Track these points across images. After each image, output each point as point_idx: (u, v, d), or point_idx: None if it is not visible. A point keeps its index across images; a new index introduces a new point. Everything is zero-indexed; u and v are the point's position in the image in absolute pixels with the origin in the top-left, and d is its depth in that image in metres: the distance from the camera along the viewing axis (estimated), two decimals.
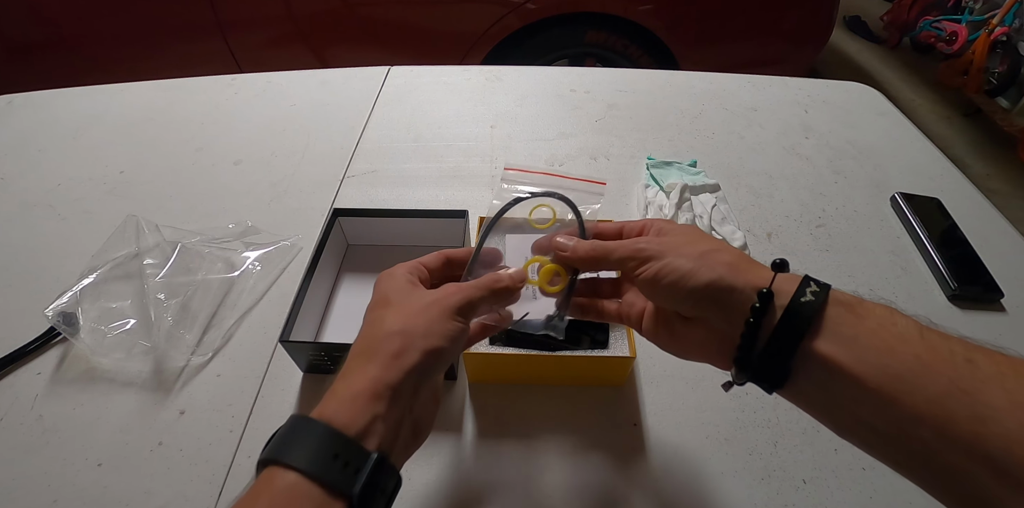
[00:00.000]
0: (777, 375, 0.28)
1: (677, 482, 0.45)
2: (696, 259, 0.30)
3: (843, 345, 0.26)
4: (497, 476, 0.45)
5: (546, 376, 0.51)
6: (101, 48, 1.59)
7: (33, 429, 0.48)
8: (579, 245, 0.35)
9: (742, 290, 0.28)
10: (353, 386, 0.28)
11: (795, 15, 1.71)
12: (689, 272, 0.30)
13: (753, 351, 0.28)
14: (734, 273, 0.29)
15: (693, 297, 0.30)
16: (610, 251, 0.34)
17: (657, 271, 0.31)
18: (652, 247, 0.32)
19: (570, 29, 1.66)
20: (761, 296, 0.28)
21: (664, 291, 0.31)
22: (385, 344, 0.29)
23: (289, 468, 0.25)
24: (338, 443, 0.26)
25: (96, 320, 0.53)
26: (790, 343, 0.27)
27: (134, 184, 0.74)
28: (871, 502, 0.44)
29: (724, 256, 0.30)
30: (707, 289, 0.29)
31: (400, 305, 0.32)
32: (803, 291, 0.27)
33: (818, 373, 0.27)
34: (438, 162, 0.78)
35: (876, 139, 0.86)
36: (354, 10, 1.60)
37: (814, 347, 0.26)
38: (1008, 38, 2.24)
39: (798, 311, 0.27)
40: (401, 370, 0.29)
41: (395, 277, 0.34)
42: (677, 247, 0.31)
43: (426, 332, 0.30)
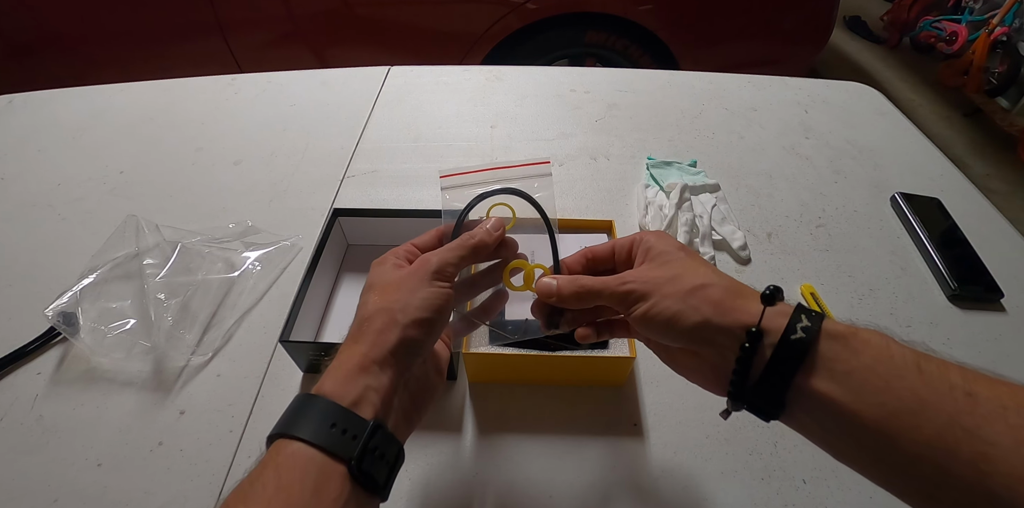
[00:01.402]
0: (771, 408, 0.28)
1: (677, 482, 0.45)
2: (682, 299, 0.30)
3: (838, 382, 0.26)
4: (497, 476, 0.45)
5: (546, 376, 0.51)
6: (101, 48, 1.59)
7: (33, 429, 0.48)
8: (563, 287, 0.34)
9: (730, 330, 0.28)
10: (344, 363, 0.30)
11: (795, 15, 1.71)
12: (676, 314, 0.30)
13: (745, 386, 0.28)
14: (721, 313, 0.29)
15: (683, 338, 0.30)
16: (596, 293, 0.33)
17: (645, 312, 0.31)
18: (638, 287, 0.31)
19: (570, 29, 1.66)
20: (750, 335, 0.27)
21: (654, 331, 0.31)
22: (369, 323, 0.31)
23: (294, 438, 0.27)
24: (335, 413, 0.28)
25: (96, 320, 0.53)
26: (782, 380, 0.27)
27: (134, 184, 0.74)
28: (871, 502, 0.44)
29: (712, 292, 0.30)
30: (695, 330, 0.29)
31: (381, 286, 0.33)
32: (793, 327, 0.27)
33: (814, 407, 0.26)
34: (438, 162, 0.78)
35: (876, 139, 0.86)
36: (354, 10, 1.60)
37: (808, 383, 0.26)
38: (1008, 38, 2.24)
39: (789, 349, 0.27)
40: (386, 345, 0.30)
41: (383, 263, 0.35)
42: (663, 285, 0.31)
43: (405, 306, 0.31)
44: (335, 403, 0.28)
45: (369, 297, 0.33)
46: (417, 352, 0.32)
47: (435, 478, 0.45)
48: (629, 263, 0.35)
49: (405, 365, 0.31)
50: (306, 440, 0.27)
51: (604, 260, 0.37)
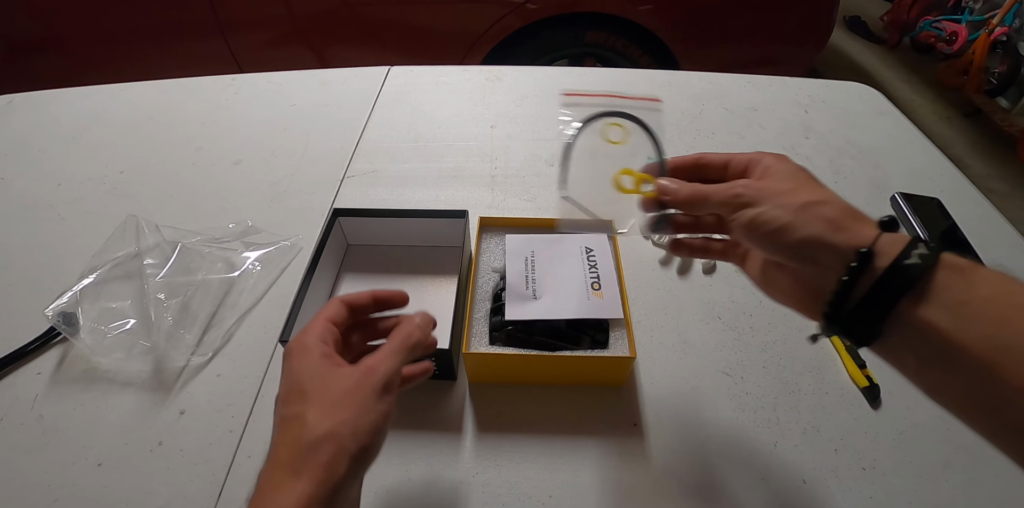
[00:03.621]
0: (866, 334, 0.27)
1: (677, 482, 0.45)
2: (795, 211, 0.29)
3: (947, 311, 0.25)
4: (497, 476, 0.45)
5: (546, 376, 0.51)
6: (102, 48, 1.59)
7: (33, 429, 0.48)
8: (682, 189, 0.35)
9: (840, 248, 0.27)
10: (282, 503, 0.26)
11: (795, 15, 1.71)
12: (786, 225, 0.28)
13: (843, 309, 0.27)
14: (834, 230, 0.28)
15: (787, 250, 0.29)
16: (708, 195, 0.33)
17: (751, 219, 0.30)
18: (749, 193, 0.31)
19: (570, 29, 1.66)
20: (860, 256, 0.26)
21: (757, 240, 0.30)
22: (313, 454, 0.27)
23: None
24: None
25: (96, 320, 0.53)
26: (884, 306, 0.26)
27: (134, 184, 0.74)
28: (871, 502, 0.44)
29: (826, 210, 0.29)
30: (802, 244, 0.28)
31: (319, 396, 0.29)
32: (908, 253, 0.26)
33: (914, 337, 0.26)
34: (438, 162, 0.78)
35: (876, 139, 0.86)
36: (354, 10, 1.60)
37: (914, 312, 0.25)
38: (1008, 38, 2.24)
39: (899, 273, 0.25)
40: (334, 482, 0.27)
41: (307, 352, 0.31)
42: (776, 195, 0.30)
43: (355, 430, 0.28)
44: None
45: (305, 411, 0.28)
46: (359, 479, 0.30)
47: (435, 478, 0.45)
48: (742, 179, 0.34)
49: (347, 493, 0.28)
50: None
51: (716, 169, 0.36)
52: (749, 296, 0.60)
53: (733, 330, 0.56)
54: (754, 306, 0.59)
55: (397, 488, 0.44)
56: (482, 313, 0.51)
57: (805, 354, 0.54)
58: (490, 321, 0.50)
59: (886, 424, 0.49)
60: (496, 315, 0.50)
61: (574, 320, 0.49)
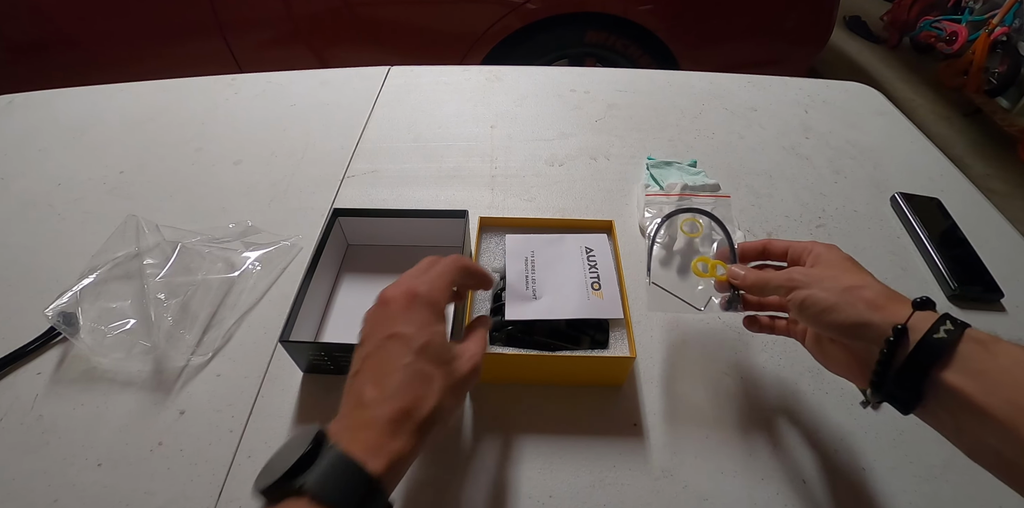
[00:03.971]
0: (908, 399, 0.32)
1: (677, 482, 0.45)
2: (839, 294, 0.34)
3: (972, 377, 0.29)
4: (497, 476, 0.45)
5: (546, 376, 0.51)
6: (101, 48, 1.59)
7: (33, 429, 0.48)
8: (748, 275, 0.42)
9: (879, 326, 0.32)
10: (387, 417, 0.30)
11: (795, 15, 1.71)
12: (831, 307, 0.34)
13: (887, 377, 0.32)
14: (872, 310, 0.33)
15: (834, 328, 0.35)
16: (768, 280, 0.40)
17: (803, 300, 0.36)
18: (801, 278, 0.37)
19: (570, 29, 1.66)
20: (896, 331, 0.31)
21: (808, 318, 0.36)
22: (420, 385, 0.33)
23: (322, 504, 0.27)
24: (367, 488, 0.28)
25: (96, 320, 0.53)
26: (919, 372, 0.30)
27: (134, 184, 0.74)
28: (871, 502, 0.44)
29: (867, 293, 0.34)
30: (846, 323, 0.34)
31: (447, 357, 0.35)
32: (937, 328, 0.30)
33: (947, 400, 0.30)
34: (438, 162, 0.78)
35: (876, 139, 0.86)
36: (354, 10, 1.60)
37: (943, 377, 0.29)
38: (1008, 38, 2.24)
39: (930, 345, 0.30)
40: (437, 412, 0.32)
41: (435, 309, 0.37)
42: (823, 280, 0.36)
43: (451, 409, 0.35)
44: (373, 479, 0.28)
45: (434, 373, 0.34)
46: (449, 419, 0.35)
47: (435, 478, 0.45)
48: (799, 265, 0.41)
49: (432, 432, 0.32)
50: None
51: (777, 254, 0.43)
52: None
53: (733, 330, 0.56)
54: None
55: (397, 488, 0.44)
56: (482, 313, 0.51)
57: (805, 354, 0.54)
58: None
59: (886, 424, 0.49)
60: (496, 315, 0.50)
61: (574, 320, 0.49)
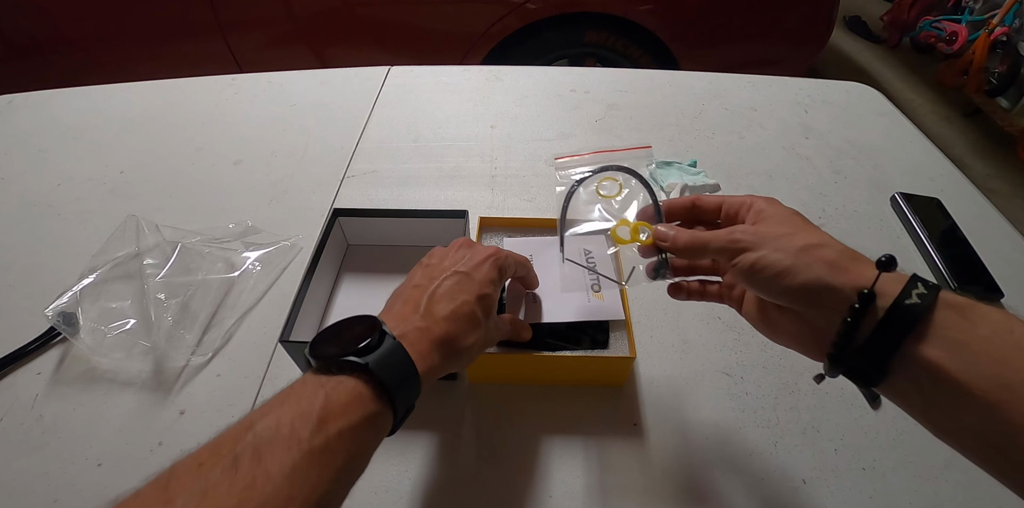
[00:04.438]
0: (872, 374, 0.28)
1: (677, 482, 0.45)
2: (795, 255, 0.29)
3: (950, 351, 0.25)
4: (497, 476, 0.45)
5: (546, 376, 0.51)
6: (101, 48, 1.59)
7: (33, 429, 0.48)
8: (678, 235, 0.36)
9: (841, 290, 0.28)
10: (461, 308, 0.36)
11: (795, 15, 1.71)
12: (786, 269, 0.29)
13: (848, 349, 0.28)
14: (834, 272, 0.28)
15: (788, 294, 0.30)
16: (707, 242, 0.34)
17: (752, 264, 0.30)
18: (748, 238, 0.31)
19: (570, 29, 1.66)
20: (862, 297, 0.27)
21: (759, 285, 0.31)
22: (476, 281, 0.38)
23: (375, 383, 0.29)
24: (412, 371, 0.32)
25: (96, 320, 0.53)
26: (889, 345, 0.26)
27: (134, 184, 0.74)
28: (871, 502, 0.44)
29: (826, 252, 0.29)
30: (804, 288, 0.29)
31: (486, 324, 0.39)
32: (908, 293, 0.26)
33: (919, 376, 0.26)
34: (438, 162, 0.78)
35: (876, 139, 0.86)
36: (354, 10, 1.60)
37: (917, 351, 0.26)
38: (1008, 38, 2.24)
39: (901, 313, 0.26)
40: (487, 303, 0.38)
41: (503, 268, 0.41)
42: (775, 239, 0.31)
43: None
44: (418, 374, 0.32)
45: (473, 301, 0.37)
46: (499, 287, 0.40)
47: (435, 478, 0.45)
48: (736, 223, 0.35)
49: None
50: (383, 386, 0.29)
51: (709, 212, 0.37)
52: None
53: (733, 330, 0.56)
54: None
55: (397, 488, 0.44)
56: None
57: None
58: None
59: (886, 424, 0.49)
60: None
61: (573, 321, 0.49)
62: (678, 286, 0.40)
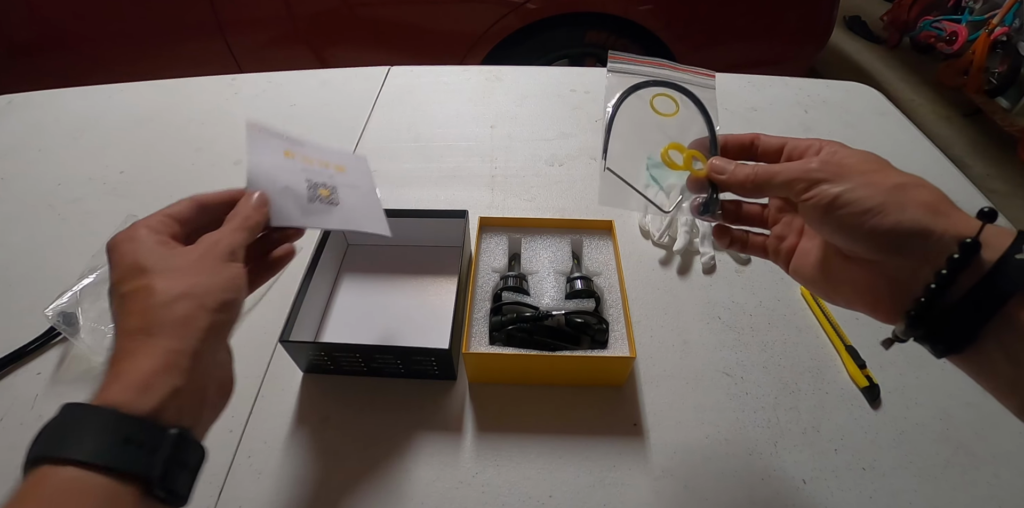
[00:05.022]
0: (960, 338, 0.24)
1: (677, 482, 0.45)
2: (887, 192, 0.25)
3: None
4: (497, 476, 0.45)
5: (546, 376, 0.51)
6: (101, 48, 1.59)
7: (33, 429, 0.47)
8: (739, 169, 0.31)
9: (940, 237, 0.24)
10: (142, 364, 0.24)
11: (795, 15, 1.71)
12: (877, 207, 0.25)
13: (935, 308, 0.24)
14: (933, 216, 0.25)
15: (875, 237, 0.25)
16: (774, 174, 0.29)
17: (834, 198, 0.26)
18: (829, 169, 0.27)
19: (570, 29, 1.66)
20: (964, 247, 0.23)
21: (839, 224, 0.26)
22: (168, 312, 0.26)
23: (66, 463, 0.22)
24: (129, 425, 0.23)
25: (96, 320, 0.53)
26: (988, 306, 0.23)
27: (134, 184, 0.74)
28: (871, 502, 0.44)
29: (922, 193, 0.25)
30: (896, 231, 0.25)
31: (163, 269, 0.27)
32: (1019, 247, 0.23)
33: (1016, 345, 0.23)
34: (438, 162, 0.78)
35: (876, 139, 0.86)
36: (354, 10, 1.60)
37: (1022, 315, 0.22)
38: (1008, 38, 2.24)
39: (1011, 270, 0.22)
40: (198, 333, 0.26)
41: (139, 240, 0.29)
42: (863, 172, 0.26)
43: (208, 289, 0.27)
44: (128, 415, 0.23)
45: (151, 282, 0.26)
46: (226, 335, 0.29)
47: (435, 478, 0.45)
48: None
49: (213, 353, 0.28)
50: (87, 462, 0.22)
51: (770, 154, 0.33)
52: (749, 296, 0.60)
53: (733, 330, 0.56)
54: (754, 306, 0.59)
55: (397, 488, 0.44)
56: (482, 313, 0.51)
57: (805, 354, 0.54)
58: (490, 321, 0.50)
59: (886, 424, 0.49)
60: (496, 315, 0.50)
61: (574, 320, 0.49)
62: (724, 229, 0.35)
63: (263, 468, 0.45)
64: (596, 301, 0.51)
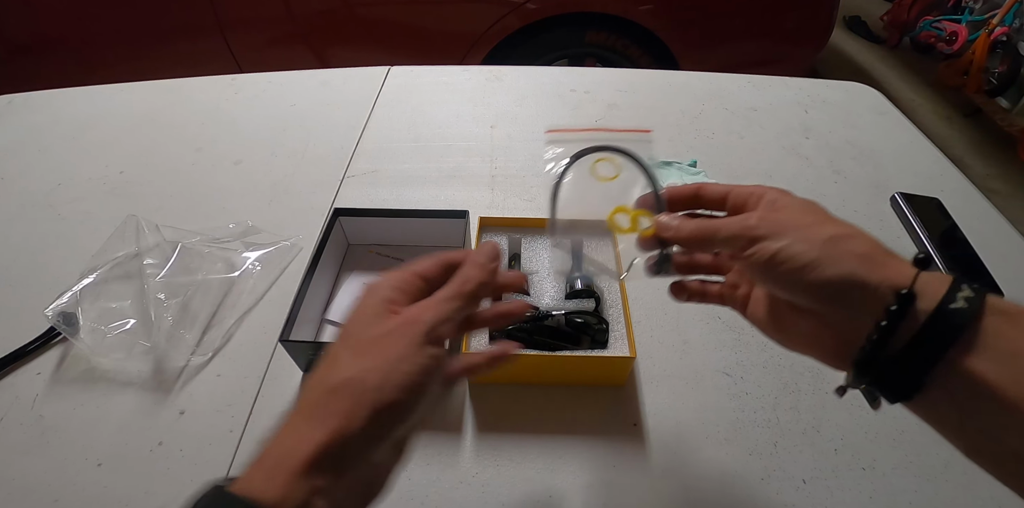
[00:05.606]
0: (906, 387, 0.25)
1: (677, 482, 0.45)
2: (822, 246, 0.25)
3: (999, 363, 0.22)
4: (497, 476, 0.45)
5: (546, 376, 0.51)
6: (101, 48, 1.59)
7: (33, 429, 0.48)
8: (684, 225, 0.31)
9: (876, 288, 0.24)
10: (290, 453, 0.23)
11: (795, 15, 1.71)
12: (813, 262, 0.25)
13: (880, 357, 0.25)
14: (868, 267, 0.25)
15: (814, 291, 0.26)
16: (716, 230, 0.29)
17: (772, 256, 0.26)
18: (766, 225, 0.27)
19: (570, 29, 1.66)
20: (900, 297, 0.23)
21: (779, 279, 0.27)
22: (332, 400, 0.24)
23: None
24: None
25: (96, 320, 0.53)
26: (930, 355, 0.23)
27: (134, 184, 0.74)
28: (871, 502, 0.44)
29: (857, 244, 0.26)
30: (833, 284, 0.25)
31: (357, 338, 0.26)
32: (954, 296, 0.23)
33: (959, 390, 0.23)
34: (438, 162, 0.78)
35: (876, 139, 0.86)
36: (354, 10, 1.60)
37: (962, 362, 0.23)
38: (1008, 38, 2.24)
39: (947, 319, 0.23)
40: (346, 435, 0.24)
41: (375, 295, 0.28)
42: (798, 227, 0.27)
43: (382, 381, 0.25)
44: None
45: (340, 353, 0.26)
46: (390, 436, 0.26)
47: (435, 478, 0.45)
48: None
49: (368, 454, 0.25)
50: None
51: (714, 202, 0.33)
52: None
53: (733, 330, 0.56)
54: None
55: (397, 488, 0.44)
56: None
57: None
58: None
59: (886, 424, 0.49)
60: None
61: (574, 320, 0.49)
62: (681, 285, 0.36)
63: None
64: (596, 301, 0.51)
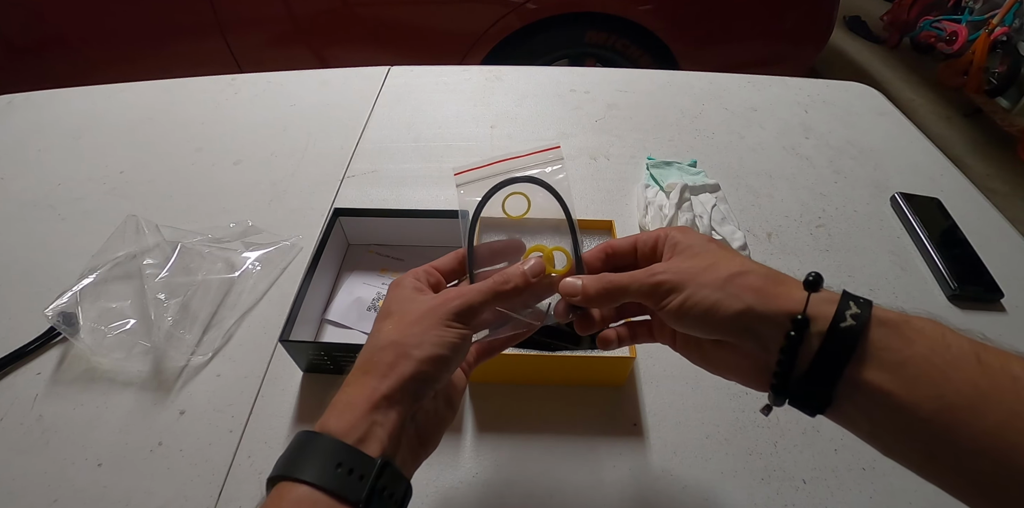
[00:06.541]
0: (818, 401, 0.27)
1: (677, 482, 0.45)
2: (720, 288, 0.28)
3: (890, 373, 0.24)
4: (497, 476, 0.45)
5: (546, 376, 0.51)
6: (101, 48, 1.59)
7: (33, 429, 0.48)
8: (589, 285, 0.32)
9: (773, 318, 0.27)
10: (351, 398, 0.28)
11: (795, 15, 1.71)
12: (715, 304, 0.28)
13: (791, 378, 0.27)
14: (763, 299, 0.27)
15: (721, 329, 0.29)
16: (624, 288, 0.31)
17: (680, 304, 0.29)
18: (670, 277, 0.30)
19: (570, 29, 1.66)
20: (796, 323, 0.26)
21: (691, 324, 0.30)
22: (380, 355, 0.29)
23: (297, 481, 0.25)
24: (340, 452, 0.26)
25: (96, 320, 0.53)
26: (831, 372, 0.25)
27: (134, 184, 0.74)
28: (871, 502, 0.44)
29: (751, 279, 0.28)
30: (734, 321, 0.28)
31: (399, 315, 0.31)
32: (842, 314, 0.25)
33: (864, 400, 0.25)
34: (438, 162, 0.78)
35: (876, 139, 0.86)
36: (354, 10, 1.60)
37: (859, 375, 0.25)
38: (1008, 38, 2.24)
39: (839, 338, 0.25)
40: (396, 380, 0.28)
41: (401, 286, 0.33)
42: (697, 274, 0.29)
43: (420, 342, 0.30)
44: (340, 441, 0.27)
45: (384, 325, 0.31)
46: (430, 387, 0.30)
47: (435, 478, 0.45)
48: (654, 260, 0.33)
49: (415, 399, 0.29)
50: (311, 483, 0.25)
51: (625, 255, 0.35)
52: None
53: None
54: None
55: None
56: None
57: None
58: None
59: None
60: None
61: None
62: (607, 336, 0.36)
63: (263, 468, 0.45)
64: None
